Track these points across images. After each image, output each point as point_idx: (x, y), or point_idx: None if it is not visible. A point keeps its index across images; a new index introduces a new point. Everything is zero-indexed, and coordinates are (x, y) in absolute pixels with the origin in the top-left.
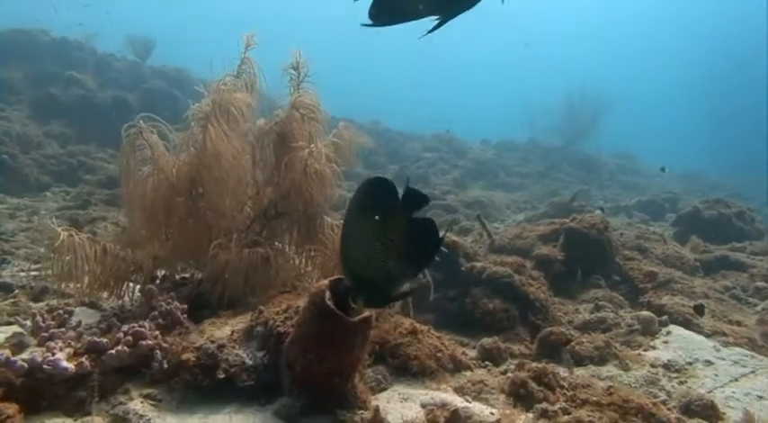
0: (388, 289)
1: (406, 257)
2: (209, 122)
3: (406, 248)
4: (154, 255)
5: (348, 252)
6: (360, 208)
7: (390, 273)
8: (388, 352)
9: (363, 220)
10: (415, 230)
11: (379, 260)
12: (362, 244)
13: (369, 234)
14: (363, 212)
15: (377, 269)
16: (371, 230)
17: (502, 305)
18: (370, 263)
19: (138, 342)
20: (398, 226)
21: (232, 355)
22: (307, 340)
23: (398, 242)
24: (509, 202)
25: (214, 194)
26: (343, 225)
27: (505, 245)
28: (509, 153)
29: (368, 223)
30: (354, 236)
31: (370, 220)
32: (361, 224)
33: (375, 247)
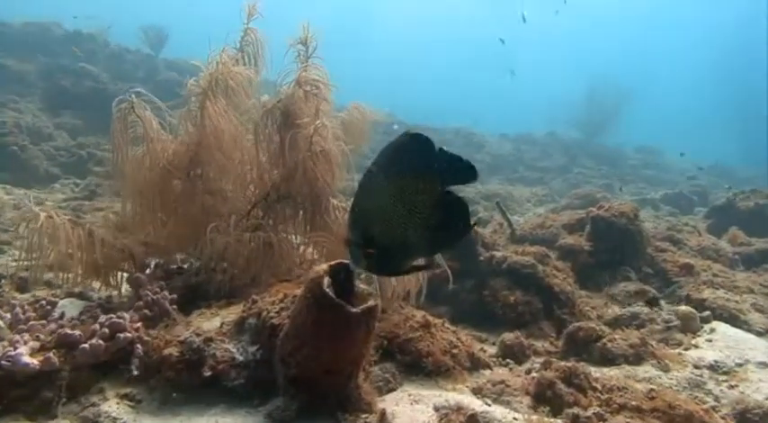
0: (401, 259)
1: (429, 230)
2: (207, 98)
3: (432, 221)
4: (144, 241)
5: (362, 206)
6: (388, 162)
7: (408, 242)
8: (397, 347)
9: (390, 177)
10: (447, 205)
11: (399, 225)
12: (383, 202)
13: (393, 193)
14: (391, 167)
15: (393, 233)
16: (397, 189)
17: (524, 298)
18: (386, 224)
19: (116, 335)
20: (430, 193)
21: (220, 350)
22: (302, 333)
23: (426, 211)
24: (529, 196)
25: (214, 176)
26: (364, 176)
27: (527, 235)
28: (528, 147)
29: (395, 181)
30: (375, 190)
31: (397, 177)
32: (387, 180)
33: (397, 208)
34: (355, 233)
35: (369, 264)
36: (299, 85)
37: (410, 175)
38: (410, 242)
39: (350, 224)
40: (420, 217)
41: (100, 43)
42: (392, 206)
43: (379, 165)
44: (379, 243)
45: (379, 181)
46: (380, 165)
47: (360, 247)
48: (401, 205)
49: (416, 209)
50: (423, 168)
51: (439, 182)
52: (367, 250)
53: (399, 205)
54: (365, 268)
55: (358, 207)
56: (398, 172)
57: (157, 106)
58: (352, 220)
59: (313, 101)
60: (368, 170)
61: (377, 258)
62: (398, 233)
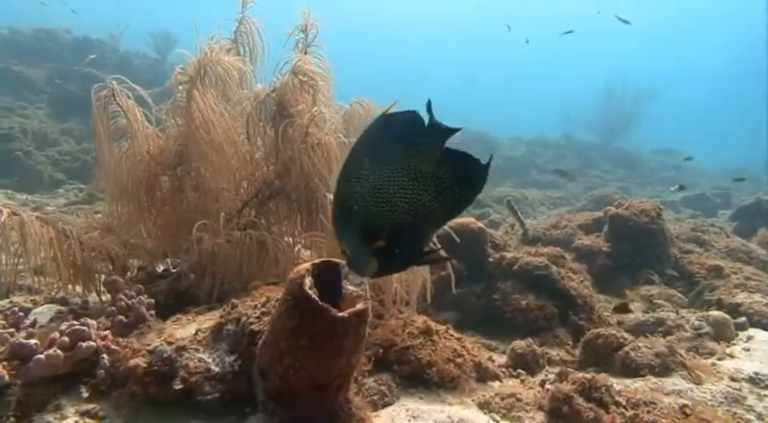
0: (419, 239)
1: (446, 190)
2: (195, 87)
3: (445, 178)
4: (127, 241)
5: (356, 194)
6: (373, 141)
7: (423, 213)
8: (394, 357)
9: (380, 153)
10: (454, 160)
11: (410, 197)
12: (381, 180)
13: (391, 168)
14: (379, 145)
15: (405, 208)
16: (395, 163)
17: (537, 302)
18: (393, 202)
19: (77, 344)
20: (431, 157)
21: (194, 360)
22: (282, 341)
23: (434, 173)
24: (543, 199)
25: (203, 173)
26: (347, 165)
27: (540, 235)
28: (541, 150)
29: (386, 155)
30: (368, 172)
31: (389, 151)
32: (378, 157)
33: (401, 182)
34: (352, 231)
35: (380, 263)
36: (294, 73)
37: (403, 140)
38: (425, 212)
39: (342, 224)
40: (432, 181)
41: (108, 49)
42: (393, 182)
43: (363, 145)
44: (391, 227)
45: (367, 164)
46: (366, 144)
47: (365, 244)
48: (406, 177)
49: (426, 175)
50: (416, 138)
51: (437, 143)
52: (376, 244)
53: (404, 178)
54: (375, 271)
55: (349, 198)
56: (389, 147)
57: (141, 97)
58: (344, 217)
59: (310, 92)
60: (350, 157)
61: (388, 251)
62: (411, 207)
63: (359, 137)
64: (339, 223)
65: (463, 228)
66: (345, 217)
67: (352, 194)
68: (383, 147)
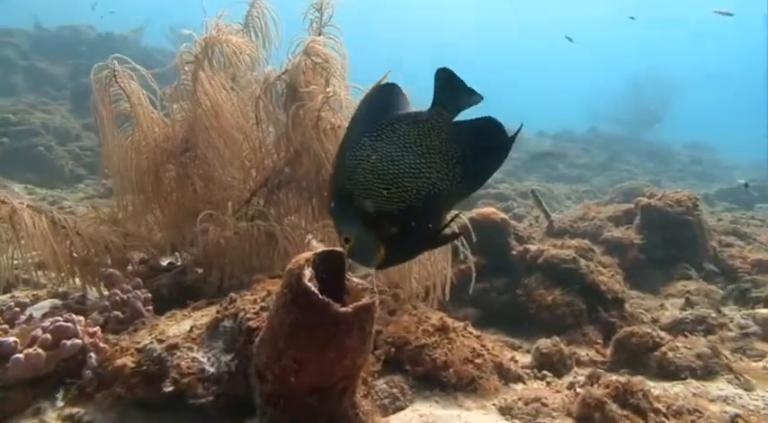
0: (434, 219)
1: (458, 164)
2: (201, 68)
3: (457, 154)
4: (128, 232)
5: (358, 178)
6: (371, 117)
7: (436, 190)
8: (407, 356)
9: (380, 130)
10: (468, 129)
11: (417, 177)
12: (384, 160)
13: (394, 145)
14: (378, 120)
15: (412, 191)
16: (398, 140)
17: (564, 297)
18: (397, 186)
19: (61, 342)
20: (439, 129)
21: (186, 360)
22: (280, 340)
23: (444, 147)
24: (569, 193)
25: (210, 159)
26: (343, 146)
27: (566, 228)
28: (567, 144)
29: (388, 132)
30: (366, 154)
31: (390, 126)
32: (377, 135)
33: (408, 159)
34: (354, 218)
35: (388, 251)
36: (306, 54)
37: (405, 114)
38: (437, 191)
39: (341, 211)
40: (442, 156)
41: (131, 44)
42: (400, 158)
43: (359, 122)
44: (399, 210)
45: (369, 138)
46: (362, 121)
47: (370, 231)
48: (412, 154)
49: (433, 149)
50: (418, 113)
51: (446, 114)
52: (382, 230)
53: (409, 155)
54: (383, 260)
55: (349, 181)
56: (388, 115)
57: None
58: (344, 203)
59: (323, 75)
60: (346, 136)
61: (396, 236)
62: (420, 186)
63: (354, 114)
64: (338, 210)
65: (484, 218)
66: (345, 202)
67: (351, 177)
68: (382, 122)
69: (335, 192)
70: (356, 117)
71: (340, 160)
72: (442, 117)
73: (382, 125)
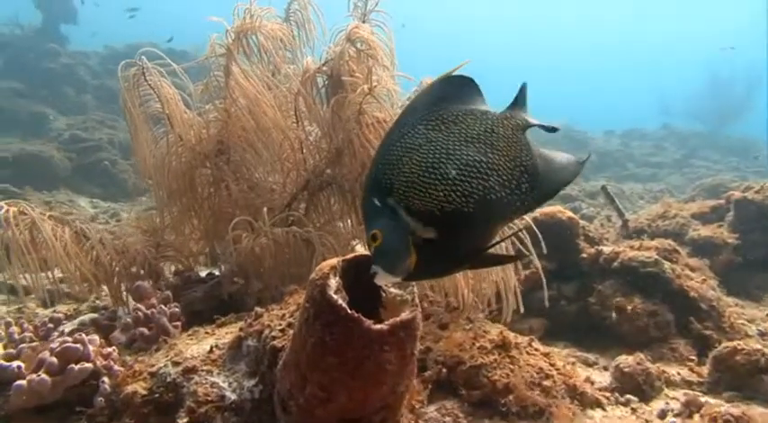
0: (481, 230)
1: (527, 174)
2: (233, 61)
3: (526, 161)
4: (159, 242)
5: (397, 170)
6: (433, 103)
7: (492, 198)
8: (462, 378)
9: (441, 119)
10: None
11: (474, 177)
12: (436, 152)
13: (453, 138)
14: (441, 110)
15: (464, 193)
16: (458, 134)
17: (645, 306)
18: (446, 184)
19: (68, 367)
20: (512, 131)
21: (204, 386)
22: (303, 363)
23: (511, 152)
24: (642, 192)
25: (247, 162)
26: (390, 133)
27: (644, 227)
28: (638, 142)
29: (448, 125)
30: (417, 143)
31: (452, 119)
32: (436, 124)
33: (465, 155)
34: (387, 214)
35: (420, 260)
36: (349, 40)
37: (473, 110)
38: (493, 200)
39: (373, 205)
40: (505, 159)
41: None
42: (458, 152)
43: (417, 108)
44: (444, 212)
45: (425, 126)
46: (420, 107)
47: (405, 232)
48: (472, 148)
49: (496, 150)
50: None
51: (517, 117)
52: (420, 233)
53: (469, 149)
54: (411, 271)
55: (390, 170)
56: (454, 110)
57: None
58: (379, 194)
59: (368, 63)
60: (397, 122)
61: (435, 245)
62: (475, 189)
63: (410, 102)
64: (369, 203)
65: (549, 218)
66: (380, 195)
67: (394, 166)
68: (444, 113)
69: (372, 181)
70: (413, 105)
71: (385, 148)
72: (516, 119)
73: (444, 116)
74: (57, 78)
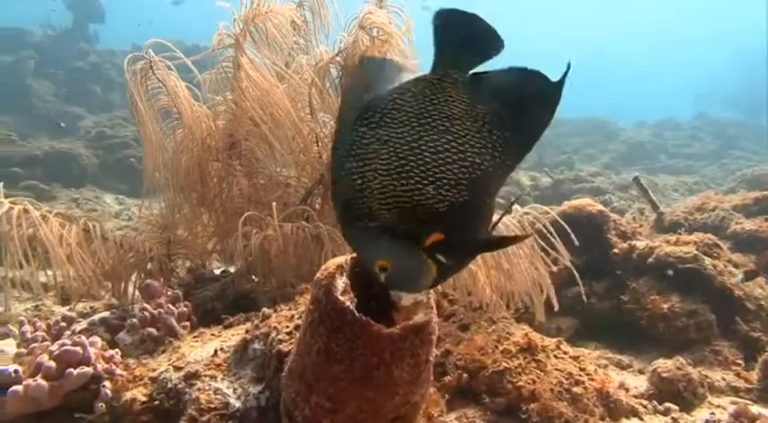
0: (481, 209)
1: (495, 130)
2: (242, 52)
3: (487, 118)
4: (170, 239)
5: (368, 189)
6: (365, 100)
7: (478, 170)
8: (484, 384)
9: (381, 113)
10: (496, 84)
11: (450, 160)
12: (398, 153)
13: (404, 128)
14: (371, 104)
15: (451, 182)
16: (406, 120)
17: (684, 305)
18: (430, 180)
19: (66, 371)
20: (457, 92)
21: (207, 392)
22: (309, 370)
23: (469, 114)
24: (676, 184)
25: (259, 156)
26: (337, 148)
27: (680, 221)
28: (670, 133)
29: (391, 114)
30: (372, 151)
31: (390, 106)
32: (378, 120)
33: (429, 141)
34: (385, 237)
35: (440, 265)
36: (362, 29)
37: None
38: (480, 173)
39: (363, 233)
40: (468, 123)
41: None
42: (418, 143)
43: (349, 113)
44: (439, 212)
45: (369, 128)
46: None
47: (412, 247)
48: (430, 131)
49: (454, 119)
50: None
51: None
52: (428, 241)
53: (428, 133)
54: (435, 277)
55: (362, 192)
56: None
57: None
58: (365, 220)
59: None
60: (338, 136)
61: (445, 244)
62: (459, 172)
63: (340, 106)
64: (356, 233)
65: (577, 211)
66: (362, 221)
67: (362, 186)
68: (379, 102)
69: (345, 212)
70: (343, 109)
71: (338, 168)
72: (453, 76)
73: (379, 105)
74: (85, 77)
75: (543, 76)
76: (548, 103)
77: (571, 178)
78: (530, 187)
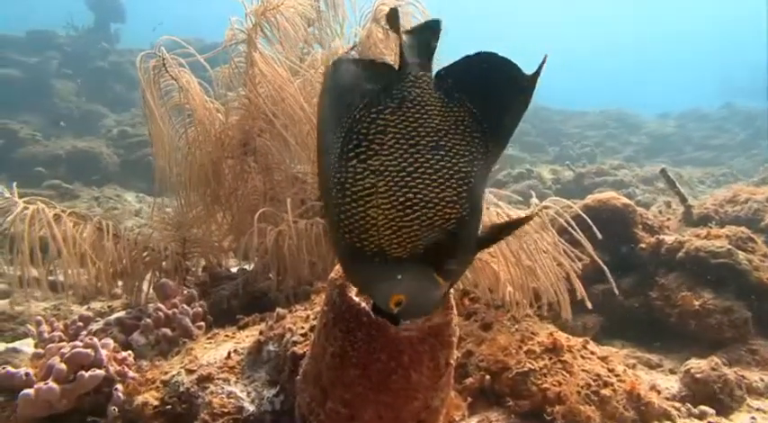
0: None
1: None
2: (254, 48)
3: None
4: (183, 237)
5: (373, 229)
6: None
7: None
8: (508, 386)
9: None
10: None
11: (449, 178)
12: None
13: (396, 154)
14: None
15: (454, 201)
16: (395, 144)
17: (717, 302)
18: (434, 208)
19: (78, 373)
20: (430, 97)
21: (220, 396)
22: (324, 375)
23: (448, 120)
24: (702, 176)
25: (275, 152)
26: (328, 189)
27: (710, 214)
28: (695, 124)
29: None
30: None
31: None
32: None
33: (425, 162)
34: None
35: (450, 277)
36: (375, 20)
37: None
38: (474, 176)
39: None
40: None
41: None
42: (416, 165)
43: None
44: (452, 228)
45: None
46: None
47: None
48: (423, 151)
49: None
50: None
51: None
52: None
53: (422, 153)
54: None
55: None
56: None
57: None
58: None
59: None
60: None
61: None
62: (459, 183)
63: (319, 126)
64: (367, 275)
65: (601, 205)
66: (375, 258)
67: (367, 226)
68: (357, 127)
69: (351, 255)
70: (324, 130)
71: (336, 209)
72: (424, 79)
73: (361, 129)
74: (106, 76)
75: (512, 63)
76: (521, 90)
77: (594, 171)
78: (551, 181)
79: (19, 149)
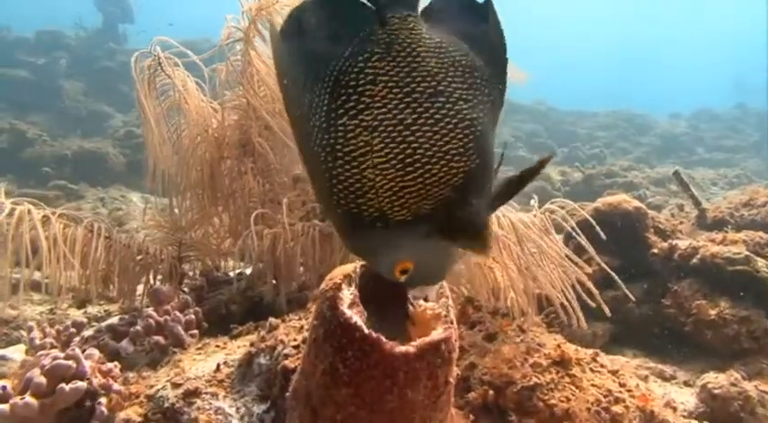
0: (492, 162)
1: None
2: (251, 47)
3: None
4: (179, 240)
5: (371, 192)
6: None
7: (480, 125)
8: (511, 402)
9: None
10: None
11: (452, 127)
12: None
13: (390, 104)
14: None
15: (459, 153)
16: (387, 92)
17: (735, 311)
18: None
19: (58, 387)
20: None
21: (207, 412)
22: (314, 393)
23: (446, 61)
24: (714, 178)
25: (271, 154)
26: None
27: (725, 217)
28: (708, 124)
29: (368, 89)
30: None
31: (363, 80)
32: (355, 103)
33: (424, 110)
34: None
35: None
36: None
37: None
38: (482, 123)
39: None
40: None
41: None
42: (415, 115)
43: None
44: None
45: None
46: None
47: (432, 235)
48: (421, 98)
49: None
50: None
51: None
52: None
53: (420, 101)
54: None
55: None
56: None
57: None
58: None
59: None
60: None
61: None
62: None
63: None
64: (369, 242)
65: (612, 208)
66: (377, 223)
67: (362, 190)
68: (344, 78)
69: (350, 222)
70: (296, 95)
71: (327, 175)
72: (410, 18)
73: (349, 81)
74: (114, 76)
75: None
76: (495, 19)
77: (603, 173)
78: (560, 182)
79: (26, 150)
